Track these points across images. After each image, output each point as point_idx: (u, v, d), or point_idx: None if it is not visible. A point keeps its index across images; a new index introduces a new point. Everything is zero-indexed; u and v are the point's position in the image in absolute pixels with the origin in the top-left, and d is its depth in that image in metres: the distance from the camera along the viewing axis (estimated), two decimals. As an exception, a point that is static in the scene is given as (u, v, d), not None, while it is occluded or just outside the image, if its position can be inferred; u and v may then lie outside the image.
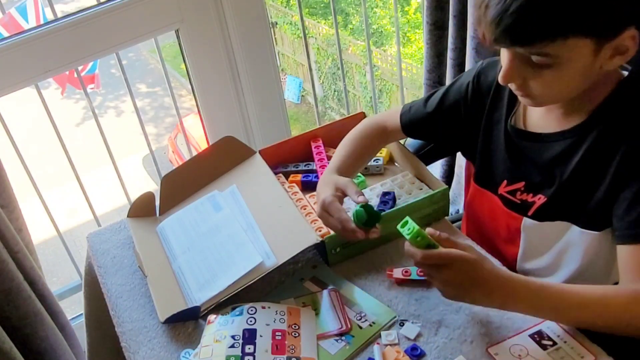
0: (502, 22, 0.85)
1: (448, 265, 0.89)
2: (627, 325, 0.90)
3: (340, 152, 1.23)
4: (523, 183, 1.07)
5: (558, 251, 1.06)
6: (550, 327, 0.95)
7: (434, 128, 1.22)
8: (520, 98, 0.99)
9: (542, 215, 1.05)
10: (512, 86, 0.97)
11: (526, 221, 1.07)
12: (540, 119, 1.05)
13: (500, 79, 0.95)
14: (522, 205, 1.08)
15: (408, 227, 0.91)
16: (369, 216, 1.04)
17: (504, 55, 0.93)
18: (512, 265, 1.14)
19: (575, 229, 1.01)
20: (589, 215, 0.99)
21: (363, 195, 1.07)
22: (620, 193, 0.93)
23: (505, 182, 1.11)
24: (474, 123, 1.15)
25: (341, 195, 1.10)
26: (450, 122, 1.19)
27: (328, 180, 1.14)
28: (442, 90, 1.21)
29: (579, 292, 0.91)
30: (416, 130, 1.25)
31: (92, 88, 4.52)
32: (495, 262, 1.07)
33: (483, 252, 1.09)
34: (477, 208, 1.21)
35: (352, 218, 1.04)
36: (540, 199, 1.04)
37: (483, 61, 1.16)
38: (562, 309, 0.91)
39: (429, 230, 0.93)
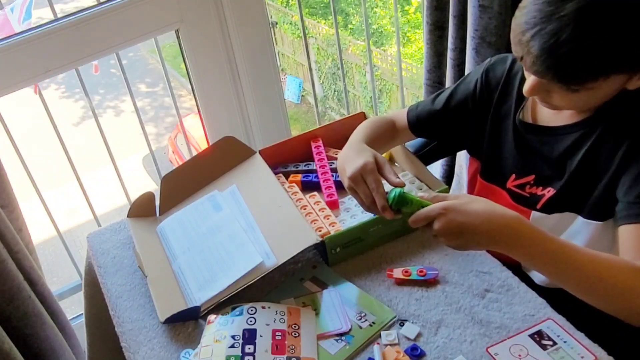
0: (548, 60, 0.85)
1: (438, 218, 0.90)
2: (622, 297, 0.86)
3: (359, 133, 1.18)
4: (533, 176, 1.08)
5: None
6: (550, 327, 0.95)
7: (442, 125, 1.22)
8: (540, 103, 1.00)
9: (550, 207, 1.06)
10: (536, 97, 0.98)
11: (534, 214, 1.08)
12: (550, 113, 1.06)
13: (525, 93, 0.96)
14: (531, 198, 1.08)
15: (390, 196, 0.95)
16: (407, 204, 0.96)
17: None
18: (517, 261, 1.14)
19: (579, 220, 1.02)
20: (593, 206, 1.00)
21: (391, 166, 1.03)
22: (622, 178, 0.94)
23: (513, 175, 1.11)
24: (481, 118, 1.16)
25: (375, 161, 1.04)
26: (459, 118, 1.19)
27: (361, 148, 1.09)
28: (450, 88, 1.22)
29: (584, 250, 0.88)
30: (423, 128, 1.25)
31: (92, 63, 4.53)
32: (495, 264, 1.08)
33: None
34: None
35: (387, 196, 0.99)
36: (549, 192, 1.05)
37: (491, 58, 1.17)
38: (564, 261, 0.87)
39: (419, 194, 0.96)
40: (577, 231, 1.03)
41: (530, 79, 0.94)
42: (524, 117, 1.09)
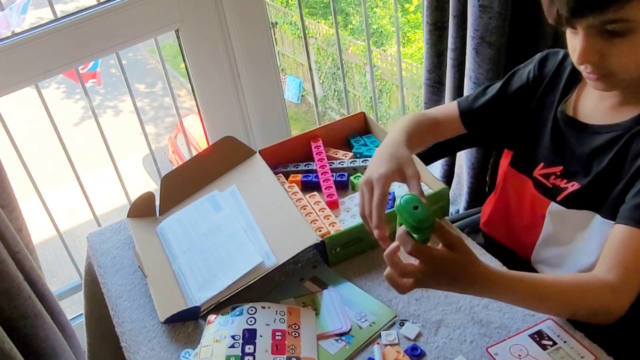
0: None
1: (433, 261, 0.85)
2: (594, 314, 0.92)
3: (401, 129, 1.12)
4: (561, 168, 1.08)
5: (577, 241, 1.06)
6: (550, 327, 0.95)
7: (495, 115, 1.20)
8: (592, 84, 0.98)
9: (570, 202, 1.05)
10: (586, 69, 0.96)
11: (553, 206, 1.08)
12: (591, 109, 1.06)
13: (577, 60, 0.95)
14: (553, 189, 1.08)
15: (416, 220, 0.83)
16: (417, 222, 0.83)
17: (576, 37, 0.93)
18: (527, 255, 1.16)
19: (597, 219, 1.02)
20: (613, 205, 0.99)
21: (418, 182, 0.94)
22: (637, 181, 0.95)
23: (542, 164, 1.11)
24: (526, 108, 1.16)
25: (400, 171, 0.97)
26: (512, 108, 1.18)
27: (394, 152, 1.02)
28: (502, 80, 1.20)
29: (551, 282, 0.92)
30: (475, 118, 1.21)
31: (93, 82, 4.57)
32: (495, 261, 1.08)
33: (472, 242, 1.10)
34: (507, 193, 1.20)
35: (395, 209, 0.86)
36: (573, 186, 1.05)
37: (543, 52, 1.17)
38: (534, 298, 0.92)
39: None
40: (594, 230, 1.03)
41: (579, 42, 0.93)
42: (565, 109, 1.09)
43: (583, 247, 1.05)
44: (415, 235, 0.84)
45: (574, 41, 0.94)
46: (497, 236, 1.25)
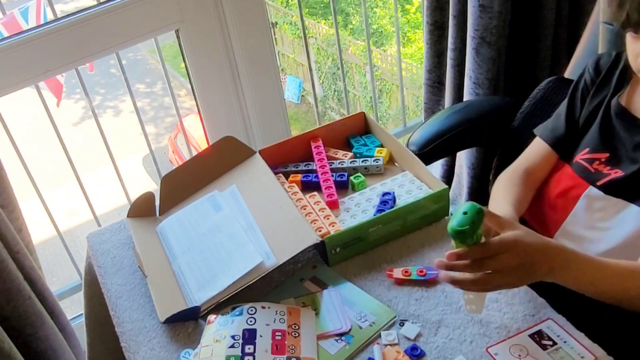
0: None
1: (503, 252, 0.84)
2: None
3: (505, 203, 1.15)
4: (607, 155, 1.10)
5: (604, 227, 1.07)
6: (550, 327, 0.95)
7: (576, 129, 1.20)
8: None
9: (610, 188, 1.07)
10: None
11: (591, 190, 1.09)
12: None
13: (637, 67, 0.98)
14: (594, 174, 1.10)
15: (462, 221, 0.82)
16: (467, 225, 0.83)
17: (637, 42, 0.96)
18: (550, 234, 1.16)
19: (633, 208, 1.03)
20: None
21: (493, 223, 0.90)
22: None
23: (587, 149, 1.13)
24: (582, 103, 1.19)
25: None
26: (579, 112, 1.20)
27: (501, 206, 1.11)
28: (565, 99, 1.22)
29: (608, 263, 0.93)
30: (566, 141, 1.20)
31: (85, 65, 4.59)
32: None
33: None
34: (544, 181, 1.21)
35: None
36: (616, 173, 1.07)
37: (593, 58, 1.20)
38: (605, 279, 0.92)
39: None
40: (628, 219, 1.03)
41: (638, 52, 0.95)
42: (619, 100, 1.11)
43: (607, 234, 1.06)
44: (455, 239, 0.86)
45: (634, 45, 0.97)
46: (525, 214, 1.25)
